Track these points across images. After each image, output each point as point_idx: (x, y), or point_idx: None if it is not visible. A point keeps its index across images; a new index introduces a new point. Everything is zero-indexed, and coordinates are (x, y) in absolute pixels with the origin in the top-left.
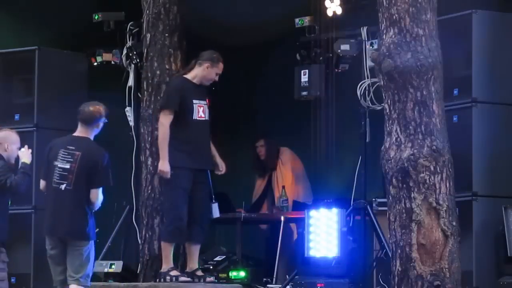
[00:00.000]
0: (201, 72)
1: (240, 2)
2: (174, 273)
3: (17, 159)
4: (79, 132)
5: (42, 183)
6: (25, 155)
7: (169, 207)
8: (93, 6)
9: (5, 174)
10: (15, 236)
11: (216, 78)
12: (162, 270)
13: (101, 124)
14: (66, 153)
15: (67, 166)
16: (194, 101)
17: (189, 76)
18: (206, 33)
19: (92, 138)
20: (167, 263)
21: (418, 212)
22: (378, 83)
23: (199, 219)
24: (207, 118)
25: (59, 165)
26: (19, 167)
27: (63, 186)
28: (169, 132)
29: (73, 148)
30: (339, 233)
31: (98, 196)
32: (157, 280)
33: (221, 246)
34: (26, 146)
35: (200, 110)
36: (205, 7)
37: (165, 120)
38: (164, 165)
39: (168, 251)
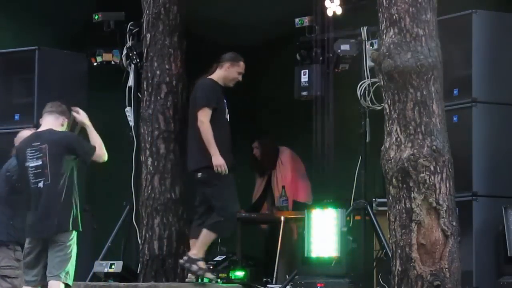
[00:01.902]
0: (223, 73)
1: (240, 2)
2: (202, 264)
3: None
4: (41, 127)
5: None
6: None
7: (224, 206)
8: (93, 6)
9: (16, 173)
10: None
11: (240, 78)
12: (191, 255)
13: (65, 122)
14: (33, 151)
15: (39, 162)
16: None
17: (213, 78)
18: (206, 33)
19: (55, 129)
20: (200, 252)
21: (418, 212)
22: (378, 83)
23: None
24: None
25: (31, 165)
26: None
27: (41, 184)
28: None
29: (38, 143)
30: (339, 233)
31: (100, 156)
32: (183, 263)
33: (221, 246)
34: None
35: (227, 111)
36: (205, 7)
37: (205, 118)
38: (218, 159)
39: (209, 241)
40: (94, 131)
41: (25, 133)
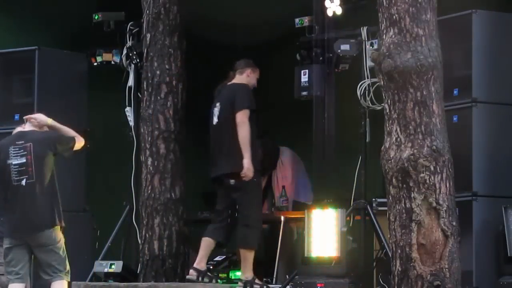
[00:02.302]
0: (245, 79)
1: (240, 2)
2: (258, 281)
3: None
4: (24, 127)
5: None
6: None
7: (249, 214)
8: (93, 6)
9: None
10: None
11: (256, 84)
12: (247, 278)
13: (45, 119)
14: (16, 149)
15: (23, 160)
16: None
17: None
18: (206, 33)
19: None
20: (250, 272)
21: (418, 212)
22: (378, 83)
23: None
24: None
25: (13, 162)
26: None
27: (23, 181)
28: None
29: (22, 142)
30: (339, 233)
31: (80, 143)
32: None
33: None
34: None
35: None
36: (205, 7)
37: (247, 120)
38: (249, 163)
39: (250, 257)
40: (59, 125)
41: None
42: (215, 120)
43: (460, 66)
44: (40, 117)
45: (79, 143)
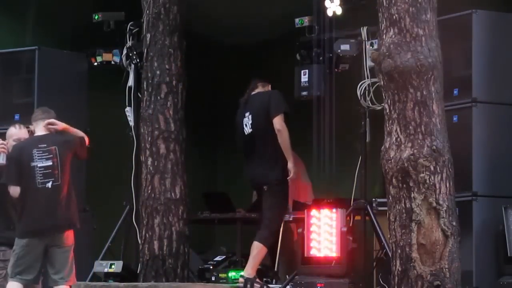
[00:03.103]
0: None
1: (240, 2)
2: (259, 281)
3: None
4: (38, 132)
5: (15, 189)
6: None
7: (279, 215)
8: (93, 6)
9: None
10: None
11: None
12: (248, 276)
13: (62, 124)
14: (41, 152)
15: (49, 163)
16: None
17: None
18: (206, 33)
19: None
20: (254, 271)
21: (418, 212)
22: (378, 83)
23: None
24: None
25: (39, 165)
26: None
27: (49, 184)
28: None
29: (45, 145)
30: (339, 233)
31: (87, 140)
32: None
33: (221, 246)
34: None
35: None
36: (205, 7)
37: (284, 123)
38: (293, 164)
39: (261, 258)
40: (70, 128)
41: (14, 130)
42: (248, 130)
43: (460, 66)
44: (60, 124)
45: (87, 142)
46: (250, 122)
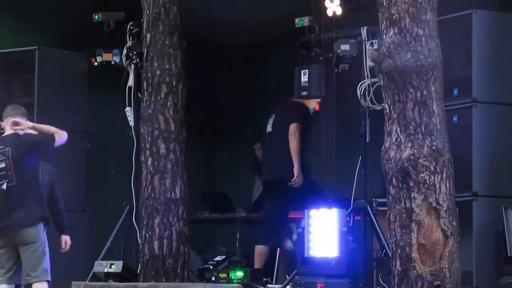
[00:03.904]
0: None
1: (240, 2)
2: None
3: None
4: (6, 132)
5: None
6: None
7: (283, 218)
8: (93, 6)
9: None
10: None
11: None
12: None
13: (27, 123)
14: None
15: (3, 165)
16: None
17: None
18: (206, 33)
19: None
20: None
21: (418, 212)
22: (378, 83)
23: None
24: None
25: None
26: None
27: (4, 185)
28: None
29: (2, 147)
30: (339, 233)
31: (61, 138)
32: None
33: (221, 246)
34: None
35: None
36: (205, 7)
37: (298, 132)
38: (300, 172)
39: (263, 258)
40: (38, 125)
41: None
42: (268, 129)
43: (460, 66)
44: (24, 124)
45: (61, 137)
46: (272, 122)
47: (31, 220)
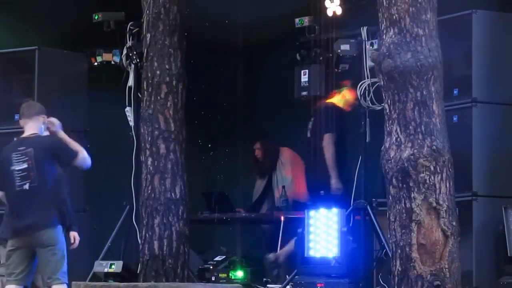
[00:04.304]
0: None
1: (240, 2)
2: None
3: None
4: (25, 132)
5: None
6: None
7: None
8: (93, 6)
9: None
10: None
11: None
12: None
13: (45, 119)
14: (18, 155)
15: (25, 165)
16: None
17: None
18: (206, 33)
19: (39, 134)
20: None
21: (418, 212)
22: (378, 83)
23: None
24: None
25: (16, 169)
26: None
27: (26, 186)
28: None
29: (24, 147)
30: (339, 233)
31: (84, 158)
32: None
33: (221, 246)
34: None
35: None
36: (205, 7)
37: (330, 142)
38: (338, 183)
39: None
40: (68, 138)
41: None
42: (308, 134)
43: (460, 66)
44: (58, 125)
45: (82, 160)
46: (310, 127)
47: (50, 222)
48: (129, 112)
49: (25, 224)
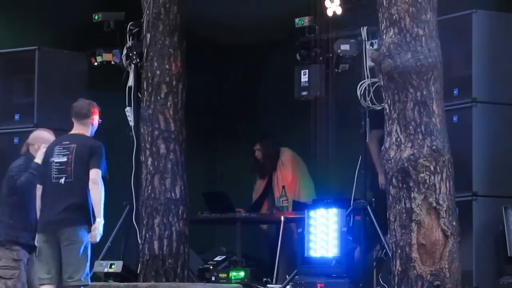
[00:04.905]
0: None
1: (240, 2)
2: None
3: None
4: (74, 129)
5: (40, 188)
6: (40, 156)
7: None
8: (93, 6)
9: (18, 174)
10: None
11: None
12: None
13: (95, 121)
14: (61, 148)
15: (64, 159)
16: None
17: None
18: (206, 33)
19: (88, 135)
20: None
21: (418, 212)
22: (378, 83)
23: None
24: None
25: (55, 160)
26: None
27: (62, 180)
28: None
29: (68, 142)
30: (339, 233)
31: (97, 176)
32: None
33: (221, 246)
34: (43, 145)
35: None
36: (205, 7)
37: (373, 140)
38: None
39: None
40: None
41: (39, 133)
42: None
43: (460, 66)
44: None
45: (95, 184)
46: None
47: (77, 219)
48: (129, 112)
49: (55, 218)
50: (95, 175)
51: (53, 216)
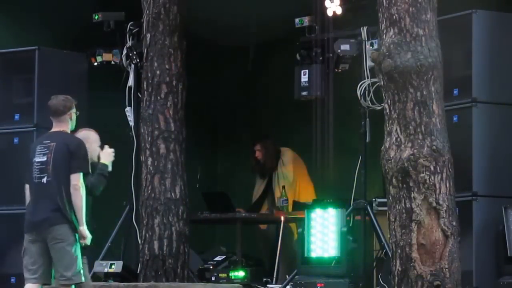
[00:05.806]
0: None
1: (240, 2)
2: None
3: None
4: (54, 127)
5: (27, 187)
6: (106, 156)
7: None
8: (93, 6)
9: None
10: (13, 236)
11: None
12: None
13: (73, 115)
14: (42, 147)
15: (44, 158)
16: None
17: None
18: (206, 33)
19: (68, 131)
20: None
21: (418, 212)
22: (378, 83)
23: None
24: None
25: (37, 160)
26: (97, 167)
27: (44, 179)
28: None
29: (48, 141)
30: (339, 233)
31: (79, 182)
32: None
33: (221, 246)
34: (106, 146)
35: None
36: (205, 7)
37: None
38: None
39: None
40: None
41: (84, 133)
42: None
43: (460, 66)
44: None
45: (74, 189)
46: None
47: (62, 218)
48: (129, 112)
49: (39, 218)
50: (76, 180)
51: (38, 216)
